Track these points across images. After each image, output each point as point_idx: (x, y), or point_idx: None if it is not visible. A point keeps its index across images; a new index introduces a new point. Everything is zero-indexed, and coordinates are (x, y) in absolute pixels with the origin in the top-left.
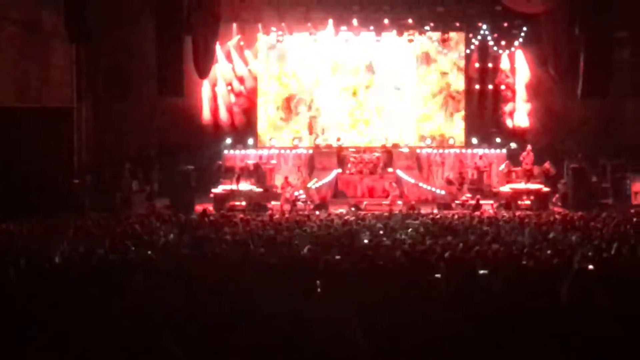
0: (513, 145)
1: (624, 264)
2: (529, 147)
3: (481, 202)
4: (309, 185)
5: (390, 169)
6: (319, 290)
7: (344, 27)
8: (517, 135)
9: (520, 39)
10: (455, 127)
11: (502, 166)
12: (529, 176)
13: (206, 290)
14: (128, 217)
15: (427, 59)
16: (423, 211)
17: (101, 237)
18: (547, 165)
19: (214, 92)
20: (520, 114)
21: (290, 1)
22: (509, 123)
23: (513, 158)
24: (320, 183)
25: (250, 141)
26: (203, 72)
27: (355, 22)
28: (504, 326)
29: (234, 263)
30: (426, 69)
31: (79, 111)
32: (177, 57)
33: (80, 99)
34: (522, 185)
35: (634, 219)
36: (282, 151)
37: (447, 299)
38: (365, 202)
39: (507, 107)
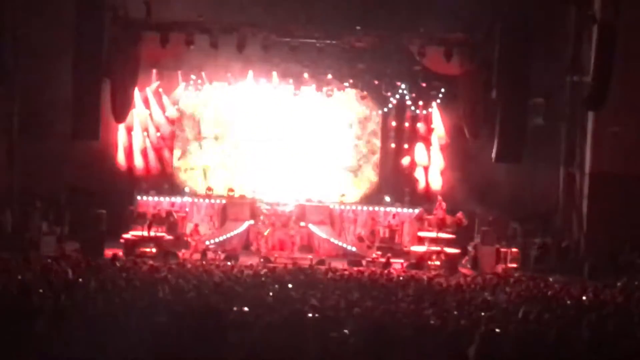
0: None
1: (530, 328)
2: (439, 197)
3: (391, 260)
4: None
5: (302, 223)
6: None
7: (263, 79)
8: (430, 194)
9: (438, 100)
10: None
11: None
12: (441, 225)
13: (113, 336)
14: (36, 259)
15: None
16: (333, 266)
17: (6, 278)
18: (459, 215)
19: (129, 137)
20: (434, 173)
21: (211, 50)
22: (422, 182)
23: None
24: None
25: (164, 187)
26: (120, 116)
27: (275, 74)
28: None
29: (142, 309)
30: (344, 125)
31: None
32: (94, 99)
33: None
34: (433, 234)
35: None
36: (196, 200)
37: (354, 354)
38: (275, 255)
39: (422, 167)
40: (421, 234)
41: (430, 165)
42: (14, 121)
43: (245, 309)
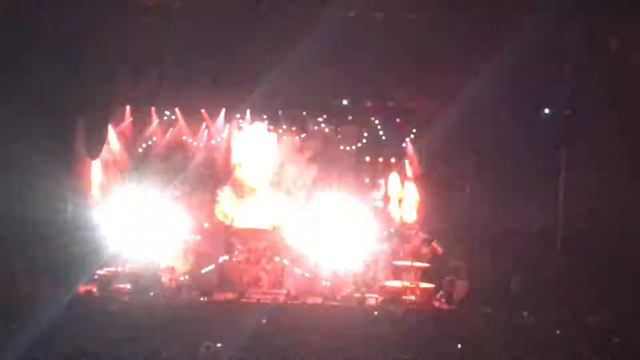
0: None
1: None
2: (417, 226)
3: (366, 295)
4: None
5: (277, 258)
6: None
7: (237, 115)
8: (405, 228)
9: (412, 135)
10: None
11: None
12: (416, 254)
13: None
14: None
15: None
16: (308, 302)
17: None
18: (434, 244)
19: (104, 173)
20: (408, 207)
21: (186, 87)
22: (397, 218)
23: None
24: None
25: None
26: (94, 152)
27: (248, 111)
28: None
29: (116, 345)
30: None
31: None
32: (68, 137)
33: None
34: (408, 263)
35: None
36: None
37: None
38: (250, 291)
39: (396, 202)
40: (396, 262)
41: (405, 198)
42: None
43: (219, 344)
